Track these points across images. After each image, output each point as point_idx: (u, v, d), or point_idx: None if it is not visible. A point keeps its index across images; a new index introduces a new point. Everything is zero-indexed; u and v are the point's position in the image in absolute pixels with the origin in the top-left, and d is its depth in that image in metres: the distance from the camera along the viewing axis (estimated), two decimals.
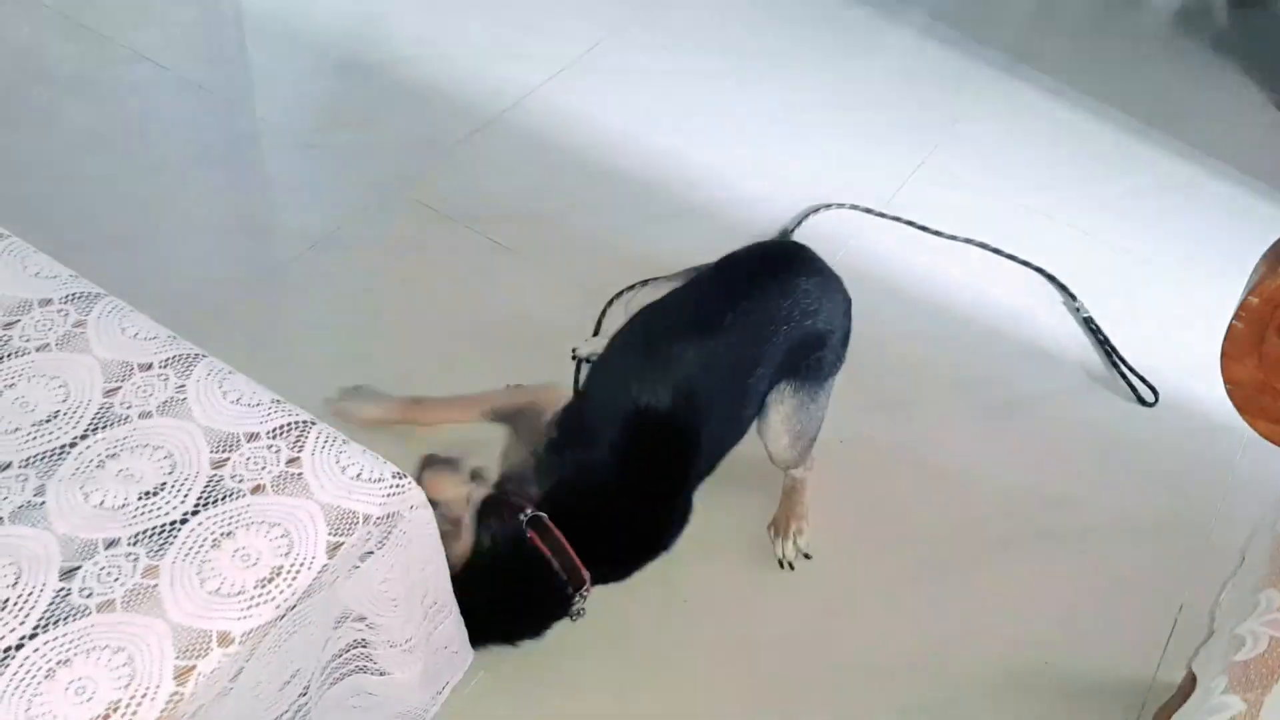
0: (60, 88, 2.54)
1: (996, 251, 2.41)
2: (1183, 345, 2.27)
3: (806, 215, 2.41)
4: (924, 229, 2.44)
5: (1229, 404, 1.43)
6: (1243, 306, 1.35)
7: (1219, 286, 2.37)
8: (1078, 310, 2.31)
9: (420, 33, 2.81)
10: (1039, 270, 2.39)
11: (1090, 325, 2.28)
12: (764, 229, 2.38)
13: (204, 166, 2.42)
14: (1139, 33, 3.23)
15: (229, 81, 2.67)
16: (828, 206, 2.44)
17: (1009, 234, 2.47)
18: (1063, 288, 2.36)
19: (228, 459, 1.13)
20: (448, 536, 1.39)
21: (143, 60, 2.62)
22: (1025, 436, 2.10)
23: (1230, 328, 1.37)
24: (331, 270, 2.21)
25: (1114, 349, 2.24)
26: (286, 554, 1.07)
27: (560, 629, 1.63)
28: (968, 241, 2.42)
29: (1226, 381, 1.40)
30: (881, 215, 2.45)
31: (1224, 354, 1.38)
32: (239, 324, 2.07)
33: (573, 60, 2.75)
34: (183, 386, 1.19)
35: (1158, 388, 2.19)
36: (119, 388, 1.19)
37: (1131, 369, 2.21)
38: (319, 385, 1.96)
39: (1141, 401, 2.17)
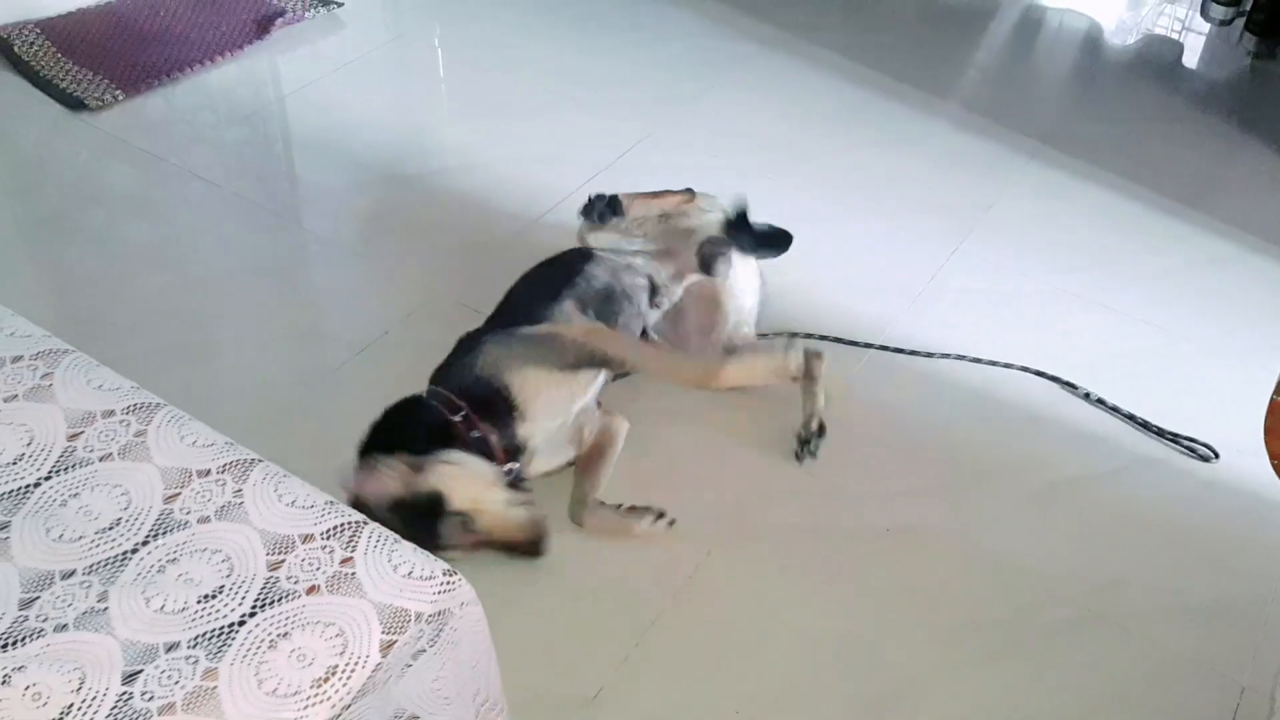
0: (117, 207, 2.65)
1: (976, 361, 2.37)
2: (1228, 421, 2.25)
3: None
4: (898, 351, 2.39)
5: (1277, 478, 1.43)
6: None
7: (1262, 361, 2.37)
8: (1087, 396, 2.30)
9: (461, 143, 2.91)
10: (1036, 372, 2.36)
11: (1104, 405, 2.28)
12: (805, 320, 2.41)
13: (255, 278, 2.50)
14: (1167, 113, 3.27)
15: (277, 196, 2.77)
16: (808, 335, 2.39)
17: (1044, 316, 2.49)
18: (1058, 380, 2.34)
19: (283, 560, 1.17)
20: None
21: (195, 179, 2.72)
22: (1072, 518, 2.09)
23: (1272, 403, 1.37)
24: (380, 374, 2.26)
25: (1146, 423, 2.24)
26: (341, 653, 1.09)
27: None
28: (960, 358, 2.38)
29: (1271, 457, 1.40)
30: (852, 343, 2.39)
31: (1267, 430, 1.38)
32: (292, 428, 2.12)
33: (609, 163, 2.82)
34: (239, 491, 1.23)
35: (1208, 464, 2.17)
36: (178, 494, 1.23)
37: (1175, 435, 2.22)
38: None
39: (1203, 459, 2.19)
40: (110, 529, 1.19)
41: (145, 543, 1.18)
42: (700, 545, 1.97)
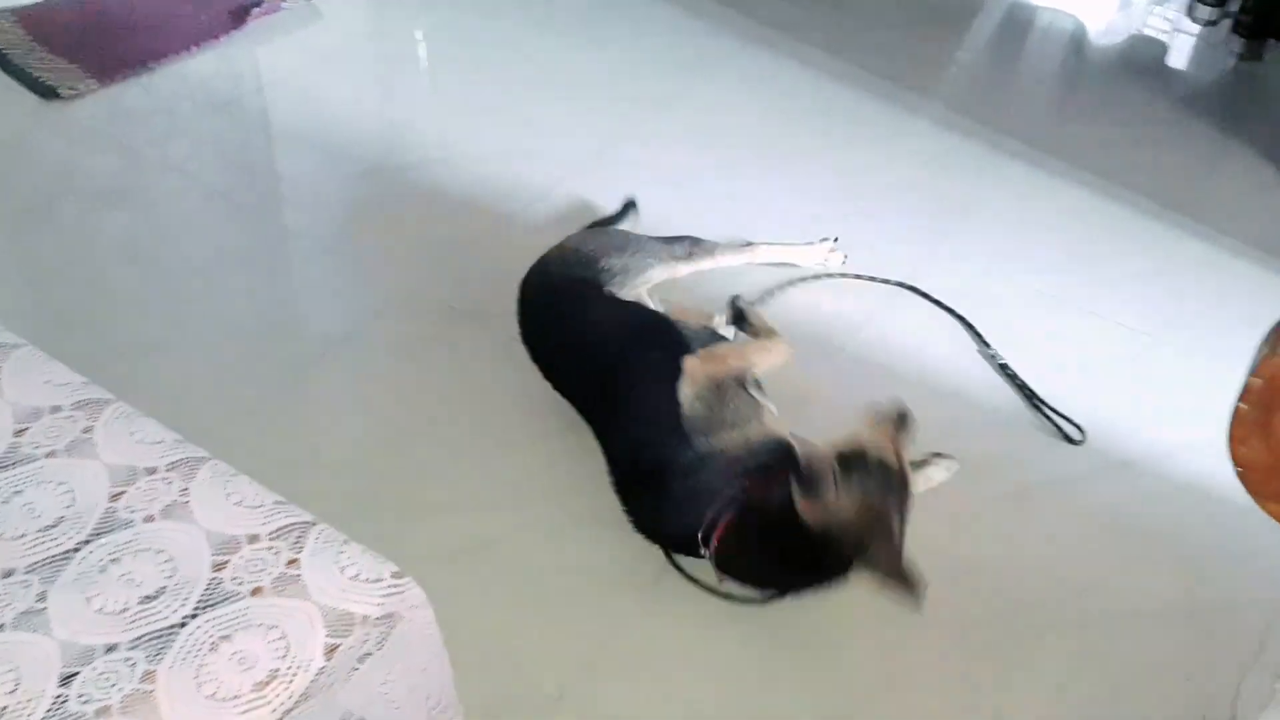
0: (91, 199, 2.62)
1: (979, 341, 2.43)
2: (1202, 425, 2.23)
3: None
4: (916, 291, 2.51)
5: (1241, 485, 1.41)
6: (1246, 388, 1.34)
7: (1239, 364, 2.35)
8: (993, 358, 2.37)
9: (440, 136, 2.88)
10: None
11: (1005, 371, 2.34)
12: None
13: (230, 271, 2.48)
14: (1152, 115, 3.25)
15: (255, 190, 2.74)
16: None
17: (1024, 317, 2.47)
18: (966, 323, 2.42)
19: (228, 561, 1.15)
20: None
21: (171, 170, 2.70)
22: (1043, 523, 2.08)
23: (1235, 410, 1.35)
24: (349, 370, 2.24)
25: (1032, 394, 2.28)
26: (283, 657, 1.07)
27: None
28: (953, 314, 2.47)
29: (1236, 464, 1.38)
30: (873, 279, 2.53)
31: (1231, 437, 1.36)
32: (260, 424, 2.10)
33: (587, 158, 2.80)
34: (186, 490, 1.21)
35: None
36: (124, 492, 1.21)
37: (1052, 410, 2.26)
38: (337, 482, 1.98)
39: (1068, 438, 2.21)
40: (53, 527, 1.17)
41: (88, 541, 1.16)
42: None
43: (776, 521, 1.73)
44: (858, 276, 2.52)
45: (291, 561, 1.15)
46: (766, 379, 2.02)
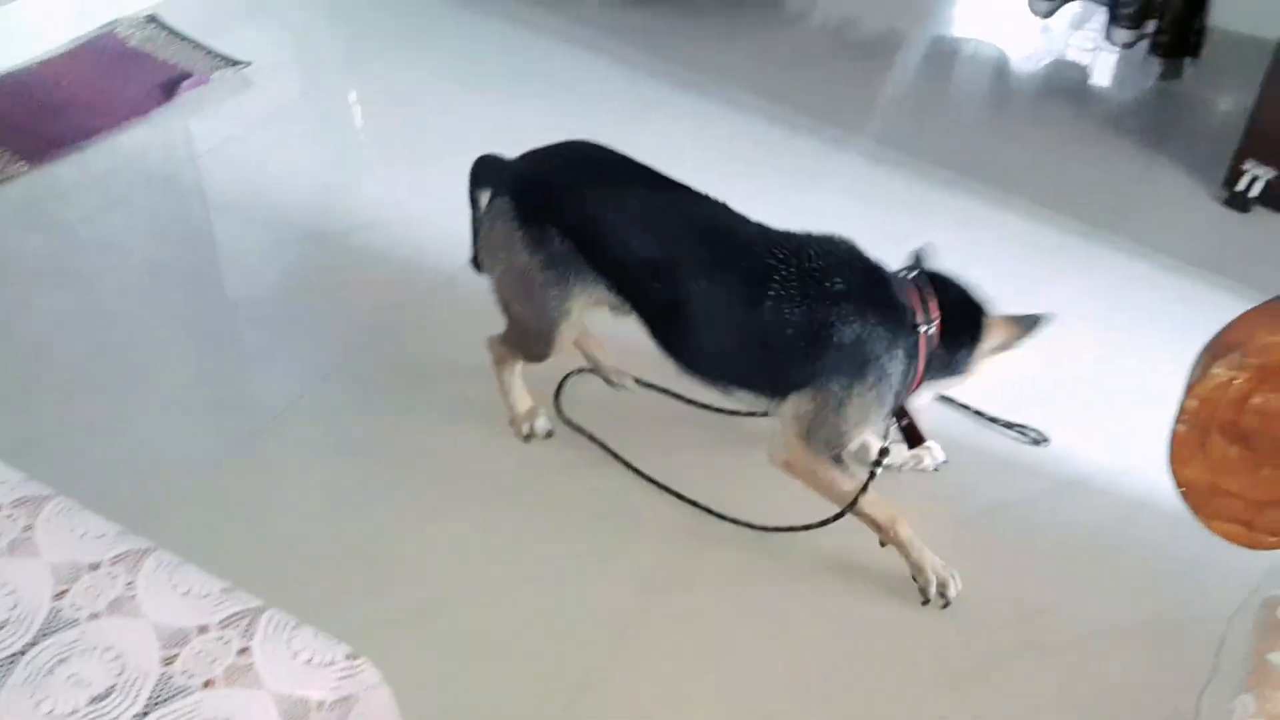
0: (27, 280, 2.60)
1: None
2: (1145, 444, 2.26)
3: None
4: None
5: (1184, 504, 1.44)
6: (1182, 410, 1.37)
7: (1178, 380, 2.40)
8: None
9: (378, 197, 2.89)
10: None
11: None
12: None
13: (171, 346, 2.46)
14: (1080, 138, 3.31)
15: (194, 261, 2.73)
16: None
17: None
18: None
19: (178, 654, 1.13)
20: None
21: (108, 247, 2.68)
22: (996, 546, 2.09)
23: (1174, 432, 1.38)
24: (298, 437, 2.23)
25: (980, 412, 2.32)
26: None
27: None
28: None
29: (1178, 485, 1.41)
30: None
31: (1171, 459, 1.39)
32: (206, 501, 2.08)
33: None
34: (132, 583, 1.19)
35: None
36: (68, 590, 1.19)
37: (1008, 423, 2.28)
38: (287, 555, 1.96)
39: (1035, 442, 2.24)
40: None
41: (34, 643, 1.13)
42: (636, 592, 1.95)
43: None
44: None
45: (243, 650, 1.14)
46: None
